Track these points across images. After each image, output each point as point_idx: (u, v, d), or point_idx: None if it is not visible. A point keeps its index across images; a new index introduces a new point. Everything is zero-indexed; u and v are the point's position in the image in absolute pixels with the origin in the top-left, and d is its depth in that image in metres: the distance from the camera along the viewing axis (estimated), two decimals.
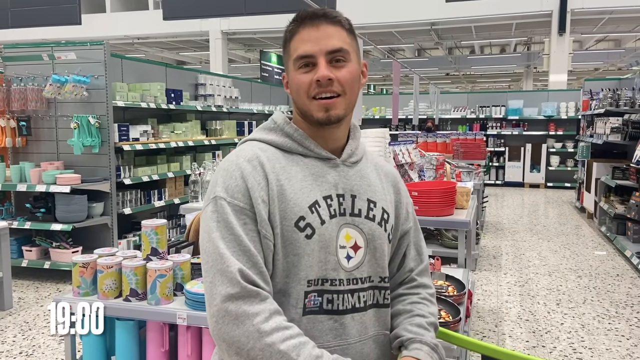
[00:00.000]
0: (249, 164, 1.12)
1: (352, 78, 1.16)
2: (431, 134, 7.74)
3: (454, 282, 2.65)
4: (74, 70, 4.72)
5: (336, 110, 1.14)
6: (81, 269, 2.60)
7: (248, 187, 1.09)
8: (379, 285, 1.20)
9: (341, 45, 1.14)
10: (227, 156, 1.18)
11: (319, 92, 1.13)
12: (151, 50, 17.35)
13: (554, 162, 11.55)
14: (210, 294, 1.04)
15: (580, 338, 3.54)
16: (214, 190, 1.11)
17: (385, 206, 1.22)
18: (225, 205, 1.07)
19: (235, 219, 1.06)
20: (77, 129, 4.66)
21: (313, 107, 1.15)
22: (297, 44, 1.15)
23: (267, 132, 1.21)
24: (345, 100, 1.16)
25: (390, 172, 1.32)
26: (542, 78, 20.30)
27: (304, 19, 1.15)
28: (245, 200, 1.08)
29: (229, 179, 1.10)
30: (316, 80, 1.12)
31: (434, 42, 15.63)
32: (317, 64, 1.13)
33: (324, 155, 1.18)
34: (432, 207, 3.17)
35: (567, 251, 5.91)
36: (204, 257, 1.07)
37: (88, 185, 4.65)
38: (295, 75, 1.16)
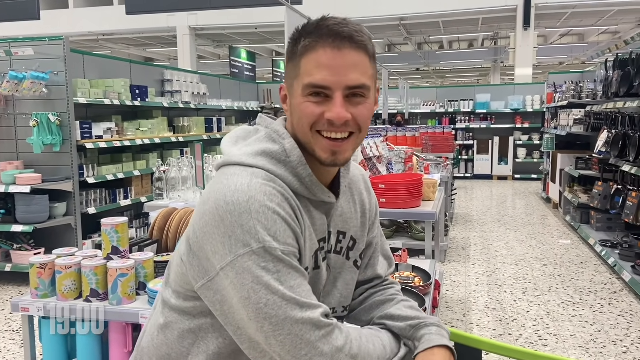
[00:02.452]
0: (285, 203, 0.97)
1: (369, 116, 1.01)
2: (401, 128, 7.79)
3: (421, 273, 2.66)
4: (32, 67, 4.57)
5: (345, 154, 1.01)
6: (39, 270, 2.52)
7: (292, 227, 0.96)
8: (341, 315, 1.20)
9: (364, 81, 0.98)
10: (234, 189, 0.94)
11: (328, 130, 0.99)
12: (117, 47, 16.99)
13: (521, 154, 11.78)
14: (300, 340, 0.91)
15: (545, 325, 3.61)
16: (254, 237, 0.91)
17: (354, 234, 1.18)
18: (280, 254, 0.92)
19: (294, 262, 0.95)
20: (36, 127, 4.51)
21: (318, 144, 1.00)
22: (311, 66, 0.97)
23: (276, 164, 1.01)
24: (357, 139, 1.02)
25: (359, 180, 1.24)
26: (509, 72, 20.67)
27: (324, 36, 0.96)
28: (294, 244, 0.96)
29: (270, 223, 0.92)
30: (328, 119, 0.97)
31: (403, 37, 15.74)
32: (333, 97, 0.97)
33: (327, 200, 1.07)
34: (398, 199, 3.18)
35: (533, 241, 6.03)
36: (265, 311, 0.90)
37: (49, 185, 4.52)
38: (301, 101, 0.98)
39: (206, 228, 0.94)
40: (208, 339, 1.03)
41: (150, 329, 1.12)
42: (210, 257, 0.94)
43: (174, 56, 17.65)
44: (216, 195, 0.94)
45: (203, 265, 0.96)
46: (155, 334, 1.09)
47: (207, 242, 0.94)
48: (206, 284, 0.95)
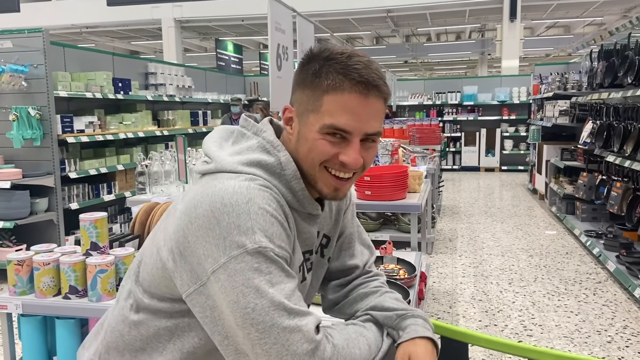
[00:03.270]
0: (279, 209, 0.96)
1: (374, 157, 1.06)
2: (388, 121, 7.77)
3: (406, 266, 2.65)
4: (10, 60, 4.47)
5: (345, 191, 1.05)
6: (16, 266, 2.46)
7: (287, 233, 0.96)
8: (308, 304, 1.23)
9: (379, 128, 1.00)
10: (232, 191, 0.92)
11: (338, 170, 1.00)
12: (101, 40, 16.75)
13: (508, 146, 11.84)
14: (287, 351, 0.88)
15: (530, 315, 3.62)
16: (250, 238, 0.89)
17: (327, 232, 1.19)
18: (274, 256, 0.91)
19: (285, 267, 0.93)
20: (16, 121, 4.42)
21: (323, 179, 1.02)
22: (336, 107, 0.96)
23: (271, 175, 1.00)
24: (357, 177, 1.05)
25: None
26: (496, 64, 20.73)
27: (353, 80, 0.95)
28: (288, 249, 0.95)
29: (267, 225, 0.91)
30: (342, 162, 0.98)
31: (391, 29, 15.70)
32: (350, 141, 0.98)
33: (314, 213, 1.08)
34: (384, 191, 3.16)
35: (519, 232, 6.06)
36: (254, 315, 0.88)
37: (30, 180, 4.44)
38: (316, 136, 0.98)
39: (199, 232, 0.91)
40: (184, 337, 1.01)
41: (119, 325, 1.08)
42: (203, 261, 0.91)
43: (160, 49, 17.46)
44: (211, 198, 0.91)
45: (194, 270, 0.93)
46: (126, 330, 1.06)
47: (200, 246, 0.91)
48: (198, 289, 0.92)
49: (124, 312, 1.08)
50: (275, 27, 3.17)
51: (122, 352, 1.07)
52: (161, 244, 1.00)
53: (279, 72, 3.26)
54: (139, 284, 1.06)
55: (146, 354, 1.04)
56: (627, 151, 4.38)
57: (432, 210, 5.73)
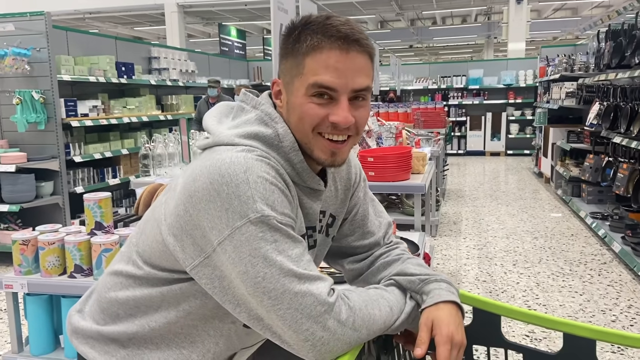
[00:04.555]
0: (278, 177, 0.96)
1: (367, 118, 1.03)
2: (392, 105, 7.72)
3: (409, 244, 2.65)
4: (13, 43, 4.46)
5: (342, 155, 1.02)
6: (21, 246, 2.48)
7: (289, 200, 0.96)
8: None
9: (367, 83, 0.98)
10: (230, 162, 0.91)
11: (330, 133, 0.99)
12: (104, 26, 16.69)
13: (514, 130, 11.76)
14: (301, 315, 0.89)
15: (535, 296, 3.62)
16: (251, 207, 0.88)
17: (333, 211, 1.19)
18: (278, 224, 0.90)
19: (291, 232, 0.93)
20: (19, 104, 4.43)
21: (318, 145, 1.00)
22: (318, 65, 0.95)
23: (269, 147, 1.00)
24: (355, 140, 1.03)
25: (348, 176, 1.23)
26: (502, 48, 20.51)
27: (332, 37, 0.95)
28: (292, 215, 0.95)
29: (268, 193, 0.91)
30: (333, 122, 0.97)
31: (395, 13, 15.54)
32: (338, 100, 0.96)
33: (316, 187, 1.07)
34: (387, 172, 3.15)
35: (524, 214, 6.04)
36: (265, 284, 0.88)
37: (35, 163, 4.45)
38: (303, 101, 0.97)
39: (200, 205, 0.91)
40: (182, 301, 1.03)
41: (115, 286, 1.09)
42: (207, 233, 0.91)
43: (163, 35, 17.37)
44: (209, 170, 0.91)
45: (198, 243, 0.93)
46: (122, 292, 1.08)
47: (203, 219, 0.91)
48: (203, 262, 0.93)
49: (121, 277, 1.09)
50: (278, 7, 3.14)
51: (116, 311, 1.08)
52: (162, 218, 0.99)
53: None
54: (139, 254, 1.06)
55: (141, 312, 1.06)
56: (634, 132, 4.34)
57: (437, 193, 5.71)
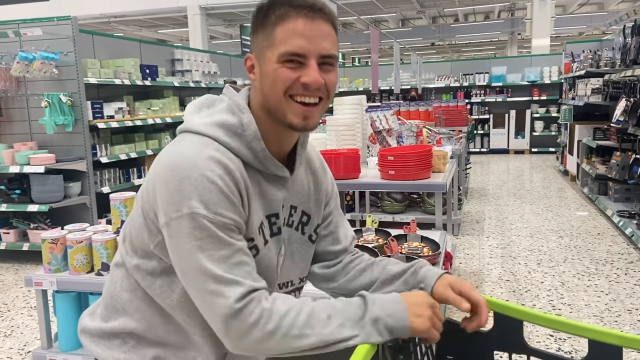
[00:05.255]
0: (226, 176, 0.99)
1: (336, 83, 1.08)
2: (413, 103, 7.68)
3: (429, 243, 2.64)
4: (41, 47, 4.58)
5: (314, 119, 1.06)
6: (51, 245, 2.55)
7: (230, 201, 0.98)
8: (299, 286, 1.25)
9: (333, 51, 1.05)
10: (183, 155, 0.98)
11: (302, 95, 1.03)
12: (129, 29, 16.99)
13: (538, 127, 11.57)
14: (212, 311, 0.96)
15: (559, 295, 3.57)
16: (188, 202, 0.95)
17: (306, 209, 1.21)
18: (207, 222, 0.95)
19: (223, 234, 0.96)
20: (48, 107, 4.55)
21: (290, 109, 1.03)
22: (287, 34, 1.00)
23: (231, 136, 1.04)
24: (325, 105, 1.08)
25: (317, 167, 1.27)
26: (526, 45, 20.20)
27: (298, 7, 1.01)
28: (228, 215, 0.98)
29: (207, 192, 0.96)
30: (304, 83, 1.01)
31: (417, 10, 15.45)
32: (307, 65, 1.01)
33: (280, 174, 1.11)
34: (408, 170, 3.14)
35: (549, 213, 5.95)
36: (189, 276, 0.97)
37: (63, 164, 4.57)
38: (276, 67, 1.02)
39: (156, 186, 0.99)
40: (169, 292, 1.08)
41: (115, 283, 1.16)
42: (158, 212, 0.99)
43: (186, 37, 17.59)
44: (167, 158, 0.99)
45: (155, 223, 1.02)
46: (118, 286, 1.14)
47: (155, 203, 1.00)
48: (157, 240, 1.03)
49: (116, 270, 1.16)
50: None
51: (115, 306, 1.14)
52: (138, 198, 1.08)
53: None
54: (129, 242, 1.12)
55: (134, 306, 1.11)
56: None
57: (459, 192, 5.67)
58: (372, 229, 2.85)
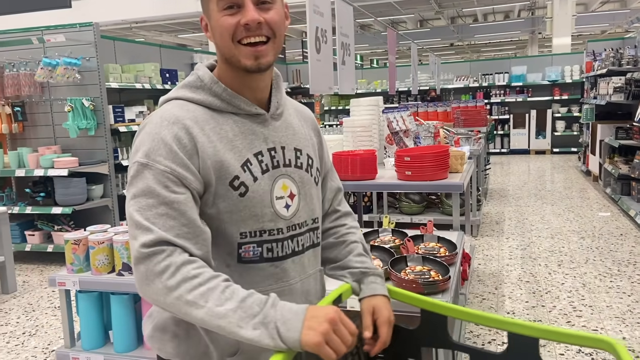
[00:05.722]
0: (173, 125, 1.07)
1: (280, 20, 1.12)
2: (432, 104, 7.65)
3: (446, 244, 2.63)
4: (64, 53, 4.69)
5: (266, 57, 1.11)
6: (73, 245, 2.62)
7: (172, 150, 1.05)
8: (312, 226, 1.26)
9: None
10: (149, 118, 1.12)
11: (247, 36, 1.08)
12: (149, 34, 17.23)
13: (560, 127, 11.41)
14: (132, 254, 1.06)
15: (580, 296, 3.52)
16: (135, 155, 1.06)
17: (309, 152, 1.27)
18: (145, 170, 1.03)
19: (158, 185, 1.03)
20: (71, 112, 4.66)
21: (241, 53, 1.09)
22: None
23: (193, 91, 1.14)
24: (275, 45, 1.12)
25: (309, 115, 1.36)
26: (547, 44, 19.94)
27: None
28: (166, 163, 1.04)
29: (150, 142, 1.05)
30: (244, 24, 1.07)
31: (435, 11, 15.37)
32: (244, 5, 1.07)
33: (253, 112, 1.16)
34: (424, 171, 3.14)
35: (570, 214, 5.86)
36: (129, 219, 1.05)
37: (86, 167, 4.67)
38: (218, 17, 1.08)
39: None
40: None
41: None
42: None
43: (205, 41, 17.78)
44: (146, 120, 1.12)
45: None
46: None
47: None
48: None
49: None
50: (314, 10, 3.19)
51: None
52: None
53: (318, 55, 3.28)
54: None
55: None
56: None
57: (478, 193, 5.63)
58: (388, 230, 2.85)
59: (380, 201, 5.49)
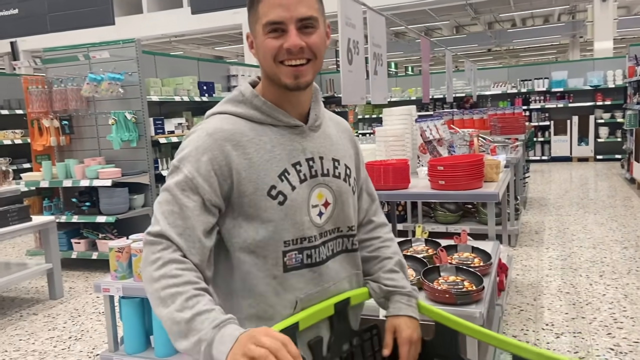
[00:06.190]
0: (210, 137, 1.16)
1: (321, 42, 1.19)
2: (467, 111, 7.58)
3: (481, 254, 2.62)
4: (108, 69, 4.90)
5: (305, 77, 1.18)
6: (117, 253, 2.73)
7: (201, 160, 1.13)
8: (347, 233, 1.32)
9: (311, 13, 1.15)
10: (194, 128, 1.21)
11: (288, 59, 1.15)
12: (188, 47, 17.71)
13: (603, 133, 11.07)
14: None
15: (622, 308, 3.42)
16: (175, 157, 1.18)
17: (347, 162, 1.33)
18: (176, 171, 1.14)
19: (177, 187, 1.12)
20: (115, 124, 4.85)
21: (282, 72, 1.16)
22: (266, 8, 1.15)
23: (236, 105, 1.23)
24: (315, 65, 1.19)
25: (346, 127, 1.43)
26: (589, 47, 19.39)
27: None
28: (191, 170, 1.13)
29: (187, 148, 1.16)
30: (287, 48, 1.14)
31: (471, 17, 15.21)
32: (287, 30, 1.14)
33: (292, 123, 1.23)
34: (458, 180, 3.12)
35: (614, 223, 5.69)
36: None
37: (128, 178, 4.84)
38: (263, 39, 1.16)
39: None
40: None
41: None
42: None
43: (241, 53, 18.13)
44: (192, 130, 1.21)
45: None
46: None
47: None
48: None
49: None
50: (346, 22, 3.24)
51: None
52: None
53: (349, 67, 3.33)
54: None
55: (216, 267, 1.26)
56: None
57: (516, 202, 5.53)
58: (421, 240, 2.86)
59: (415, 210, 5.47)
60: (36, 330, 3.65)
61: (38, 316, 3.92)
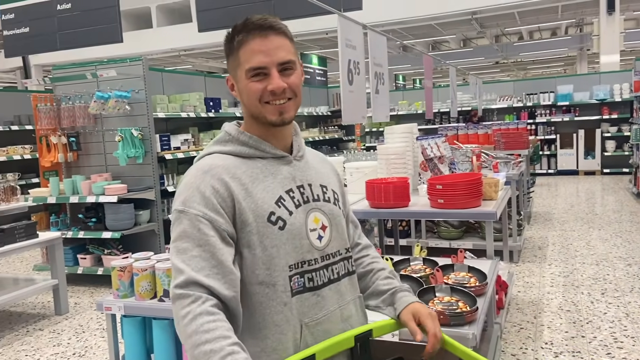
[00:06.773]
0: (206, 174, 1.21)
1: (299, 81, 1.29)
2: (472, 126, 7.60)
3: (477, 274, 2.64)
4: (115, 87, 5.00)
5: (289, 113, 1.27)
6: (119, 272, 2.79)
7: (205, 196, 1.18)
8: (346, 255, 1.37)
9: (290, 57, 1.24)
10: (188, 171, 1.27)
11: (273, 99, 1.24)
12: (197, 61, 17.91)
13: (610, 147, 11.04)
14: None
15: (623, 327, 3.41)
16: (174, 204, 1.22)
17: (333, 188, 1.40)
18: (182, 216, 1.18)
19: (192, 229, 1.16)
20: (121, 141, 4.93)
21: (267, 111, 1.24)
22: (247, 55, 1.22)
23: (224, 144, 1.30)
24: (296, 102, 1.29)
25: (325, 158, 1.52)
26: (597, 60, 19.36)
27: (251, 30, 1.22)
28: (199, 208, 1.17)
29: (186, 191, 1.21)
30: (271, 90, 1.22)
31: (477, 31, 15.28)
32: (270, 74, 1.22)
33: (279, 154, 1.31)
34: (457, 199, 3.15)
35: (618, 239, 5.67)
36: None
37: (134, 194, 4.92)
38: (247, 83, 1.24)
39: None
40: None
41: None
42: None
43: None
44: (186, 173, 1.28)
45: None
46: None
47: None
48: None
49: None
50: (346, 44, 3.30)
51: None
52: None
53: (350, 87, 3.38)
54: None
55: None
56: None
57: (519, 217, 5.54)
58: (419, 258, 2.89)
59: (419, 226, 5.48)
60: (41, 346, 3.70)
61: (44, 332, 3.98)
